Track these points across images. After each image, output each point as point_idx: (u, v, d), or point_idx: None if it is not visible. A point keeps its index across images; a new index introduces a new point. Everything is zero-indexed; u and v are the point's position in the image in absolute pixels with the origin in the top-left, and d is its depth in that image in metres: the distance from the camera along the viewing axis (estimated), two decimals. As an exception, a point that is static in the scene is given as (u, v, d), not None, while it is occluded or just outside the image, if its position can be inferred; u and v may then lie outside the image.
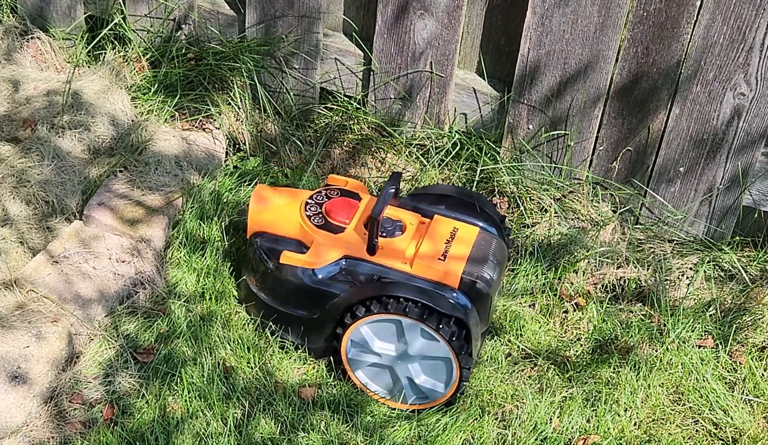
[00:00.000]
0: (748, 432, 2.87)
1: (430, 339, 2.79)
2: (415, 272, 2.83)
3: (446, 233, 2.93)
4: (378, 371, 2.92)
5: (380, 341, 2.87)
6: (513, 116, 3.37)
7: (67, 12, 3.80)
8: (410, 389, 2.90)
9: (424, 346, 2.81)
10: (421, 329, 2.78)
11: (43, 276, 2.94)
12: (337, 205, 2.99)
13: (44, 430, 2.67)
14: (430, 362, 2.85)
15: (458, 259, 2.85)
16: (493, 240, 2.96)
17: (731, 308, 3.17)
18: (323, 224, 2.95)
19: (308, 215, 2.97)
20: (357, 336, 2.87)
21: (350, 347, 2.90)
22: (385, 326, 2.83)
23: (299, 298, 2.92)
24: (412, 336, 2.81)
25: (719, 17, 2.95)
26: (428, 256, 2.85)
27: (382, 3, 3.35)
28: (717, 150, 3.17)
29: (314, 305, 2.90)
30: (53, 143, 3.34)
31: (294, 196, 3.07)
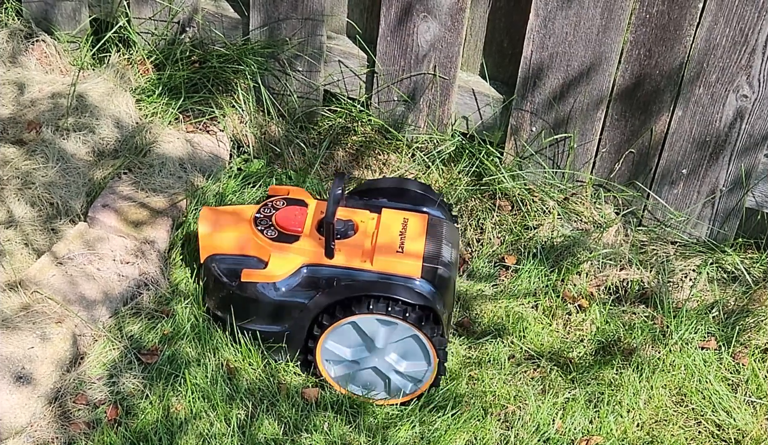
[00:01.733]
0: (750, 434, 2.87)
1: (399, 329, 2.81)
2: (376, 268, 2.84)
3: (398, 225, 2.95)
4: (365, 375, 2.92)
5: (351, 347, 2.88)
6: (516, 118, 3.38)
7: (71, 15, 3.81)
8: (402, 379, 2.91)
9: (395, 337, 2.83)
10: (387, 322, 2.80)
11: (47, 277, 2.95)
12: (286, 215, 2.98)
13: (48, 430, 2.67)
14: (405, 350, 2.86)
15: (416, 248, 2.87)
16: (443, 224, 3.00)
17: (734, 309, 3.18)
18: (277, 235, 2.94)
19: (260, 230, 2.96)
20: (327, 352, 2.88)
21: (328, 366, 2.91)
22: (351, 331, 2.84)
23: (266, 314, 2.90)
24: (379, 331, 2.82)
25: (721, 19, 2.95)
26: (386, 250, 2.87)
27: (385, 6, 3.36)
28: (720, 152, 3.18)
29: (282, 318, 2.90)
30: (58, 145, 3.35)
31: (241, 213, 3.05)
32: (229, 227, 3.01)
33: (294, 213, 3.00)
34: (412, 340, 2.82)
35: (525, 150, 3.41)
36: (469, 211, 3.41)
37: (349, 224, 2.97)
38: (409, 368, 2.88)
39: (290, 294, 2.87)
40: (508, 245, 3.38)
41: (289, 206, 3.03)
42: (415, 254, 2.87)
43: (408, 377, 2.90)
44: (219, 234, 3.00)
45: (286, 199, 3.07)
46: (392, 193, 3.12)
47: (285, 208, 3.02)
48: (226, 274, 2.93)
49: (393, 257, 2.85)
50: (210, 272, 2.97)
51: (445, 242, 2.93)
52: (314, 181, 3.51)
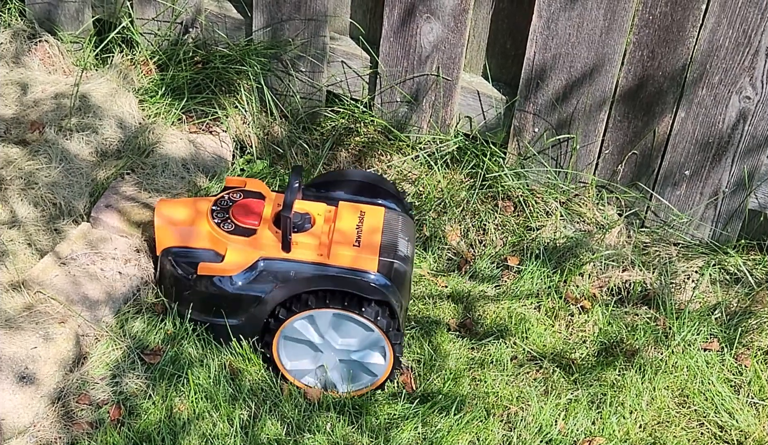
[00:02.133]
0: (753, 435, 2.87)
1: (357, 324, 2.81)
2: (332, 262, 2.83)
3: (355, 218, 2.95)
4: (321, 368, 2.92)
5: (307, 341, 2.88)
6: (519, 119, 3.38)
7: (75, 15, 3.82)
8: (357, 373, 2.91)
9: (353, 331, 2.84)
10: (343, 316, 2.81)
11: (50, 277, 2.95)
12: (243, 208, 2.97)
13: (51, 430, 2.67)
14: (362, 343, 2.86)
15: (372, 242, 2.87)
16: (400, 217, 3.00)
17: (737, 311, 3.18)
18: (233, 228, 2.93)
19: (217, 223, 2.94)
20: (283, 345, 2.88)
21: (284, 359, 2.91)
22: (307, 324, 2.85)
23: (222, 306, 2.89)
24: (336, 325, 2.84)
25: (725, 21, 2.95)
26: (343, 244, 2.86)
27: (388, 7, 3.36)
28: (722, 153, 3.18)
29: (238, 311, 2.89)
30: (61, 146, 3.36)
31: (197, 205, 3.03)
32: (186, 220, 2.99)
33: (251, 206, 2.98)
34: (368, 334, 2.82)
35: (528, 151, 3.41)
36: (471, 212, 3.41)
37: (306, 217, 2.94)
38: (365, 362, 2.89)
39: (247, 288, 2.85)
40: (511, 246, 3.38)
41: (246, 199, 3.01)
42: (372, 247, 2.86)
43: (365, 370, 2.90)
44: (175, 226, 2.98)
45: (243, 191, 3.05)
46: (348, 186, 3.11)
47: (242, 200, 3.01)
48: (182, 267, 2.92)
49: (349, 251, 2.84)
50: (166, 265, 2.96)
51: (401, 236, 2.93)
52: (317, 182, 3.51)
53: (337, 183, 3.13)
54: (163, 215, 3.00)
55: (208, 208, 2.99)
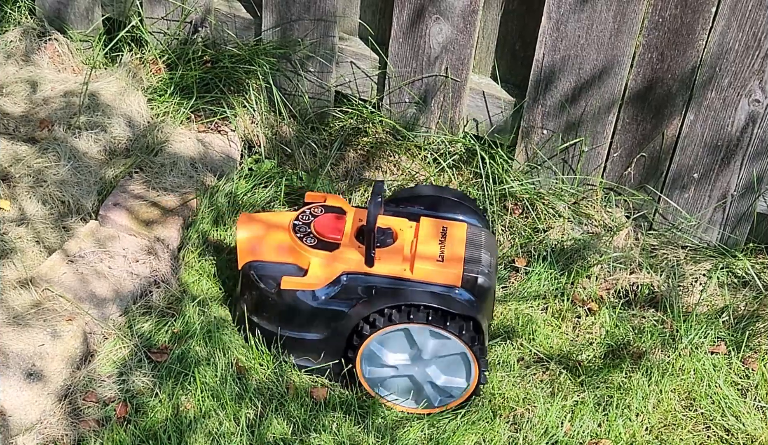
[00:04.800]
0: (760, 439, 2.86)
1: (441, 339, 2.80)
2: (416, 277, 2.83)
3: (437, 233, 2.94)
4: (399, 383, 2.91)
5: (393, 353, 2.87)
6: (527, 121, 3.38)
7: (84, 14, 3.83)
8: (434, 392, 2.90)
9: (437, 347, 2.82)
10: (430, 332, 2.79)
11: (58, 275, 2.96)
12: (325, 223, 2.98)
13: (58, 427, 2.68)
14: (446, 362, 2.85)
15: (456, 257, 2.86)
16: (482, 232, 2.99)
17: (744, 314, 3.17)
18: (316, 243, 2.93)
19: (299, 237, 2.94)
20: (368, 353, 2.86)
21: (365, 367, 2.89)
22: (395, 337, 2.83)
23: (305, 321, 2.89)
24: (423, 340, 2.82)
25: (734, 24, 2.95)
26: (426, 259, 2.86)
27: (398, 7, 3.36)
28: (731, 156, 3.17)
29: (321, 326, 2.88)
30: (70, 144, 3.37)
31: (279, 219, 3.04)
32: (268, 234, 2.99)
33: (333, 220, 2.99)
34: (453, 349, 2.80)
35: (536, 153, 3.41)
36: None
37: (388, 232, 2.95)
38: (446, 383, 2.87)
39: (329, 302, 2.85)
40: (518, 248, 3.38)
41: (328, 214, 3.02)
42: (455, 262, 2.85)
43: (441, 390, 2.88)
44: (257, 240, 2.98)
45: (324, 207, 3.06)
46: (429, 201, 3.10)
47: (323, 215, 3.01)
48: (264, 280, 2.91)
49: (433, 266, 2.83)
50: (248, 279, 2.94)
51: (484, 251, 2.91)
52: (325, 182, 3.52)
53: (417, 198, 3.12)
54: (245, 229, 3.00)
55: (290, 223, 2.99)
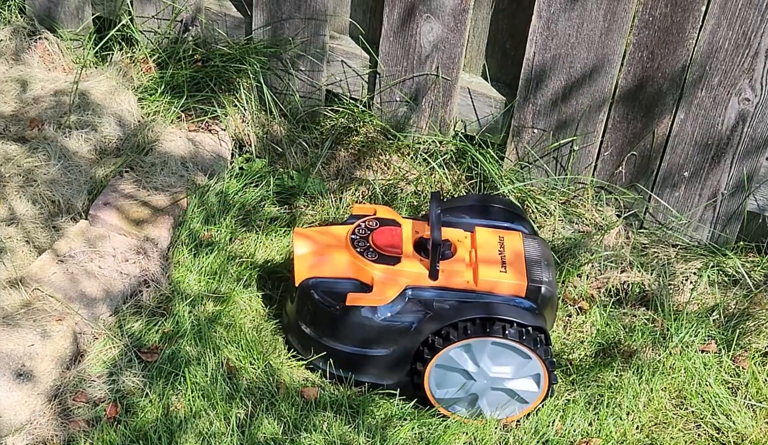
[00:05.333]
0: (750, 437, 2.87)
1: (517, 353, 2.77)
2: (481, 288, 2.82)
3: (495, 243, 2.92)
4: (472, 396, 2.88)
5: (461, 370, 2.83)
6: (518, 120, 3.38)
7: (75, 13, 3.82)
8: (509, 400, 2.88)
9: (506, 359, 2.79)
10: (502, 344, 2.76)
11: (48, 275, 2.95)
12: (383, 236, 2.93)
13: (48, 428, 2.67)
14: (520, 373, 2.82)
15: (518, 268, 2.84)
16: (537, 241, 2.98)
17: (735, 313, 3.18)
18: (377, 257, 2.88)
19: (359, 252, 2.89)
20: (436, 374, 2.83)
21: (435, 387, 2.86)
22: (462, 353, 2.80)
23: (371, 337, 2.86)
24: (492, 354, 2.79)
25: (724, 22, 2.95)
26: (490, 270, 2.83)
27: (388, 6, 3.36)
28: (722, 155, 3.18)
29: (387, 341, 2.85)
30: (60, 143, 3.36)
31: (335, 234, 2.99)
32: (325, 250, 2.95)
33: (390, 233, 2.94)
34: (524, 361, 2.78)
35: (526, 152, 3.41)
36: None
37: (446, 244, 2.91)
38: (520, 389, 2.85)
39: (396, 317, 2.82)
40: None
41: (383, 227, 2.98)
42: (519, 273, 2.83)
43: (518, 397, 2.87)
44: (315, 256, 2.95)
45: (378, 220, 3.01)
46: (476, 210, 3.08)
47: (380, 228, 2.96)
48: (326, 297, 2.87)
49: (497, 277, 2.82)
50: (309, 296, 2.89)
51: (543, 260, 2.89)
52: (316, 182, 3.51)
53: (466, 208, 3.09)
54: (301, 244, 2.96)
55: (347, 237, 2.95)
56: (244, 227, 3.36)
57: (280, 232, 3.38)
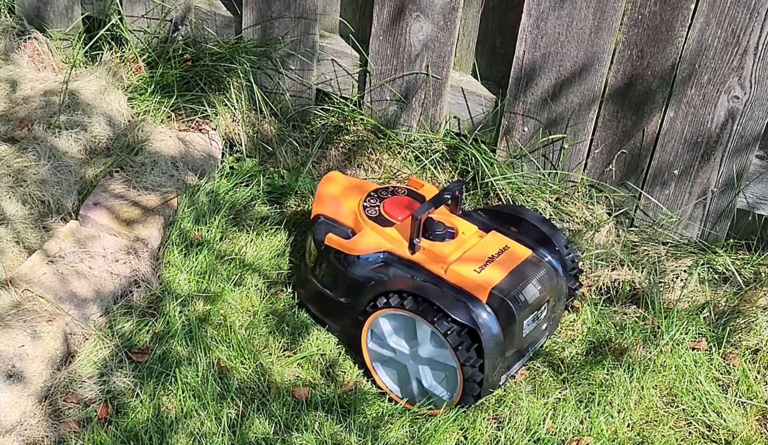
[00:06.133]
0: (741, 434, 2.87)
1: (439, 345, 2.78)
2: (448, 278, 2.82)
3: (495, 249, 2.91)
4: (392, 368, 2.94)
5: (396, 336, 2.88)
6: (508, 118, 3.38)
7: (64, 12, 3.81)
8: (419, 391, 2.90)
9: (433, 351, 2.81)
10: (431, 333, 2.78)
11: (38, 275, 2.95)
12: (395, 203, 3.04)
13: (39, 429, 2.67)
14: (438, 368, 2.84)
15: (495, 274, 2.82)
16: (544, 268, 2.89)
17: (725, 310, 3.18)
18: (376, 216, 3.01)
19: (365, 206, 3.04)
20: (376, 328, 2.90)
21: (369, 338, 2.92)
22: (402, 324, 2.85)
23: (336, 281, 2.99)
24: (424, 338, 2.81)
25: (713, 21, 2.96)
26: (466, 265, 2.84)
27: (378, 5, 3.36)
28: (711, 153, 3.18)
29: (347, 290, 2.96)
30: (50, 143, 3.35)
31: (360, 187, 3.16)
32: (342, 196, 3.12)
33: (404, 203, 3.04)
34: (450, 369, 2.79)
35: (517, 150, 3.41)
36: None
37: (449, 231, 2.94)
38: (431, 389, 2.86)
39: (362, 272, 2.92)
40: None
41: (406, 197, 3.08)
42: (490, 278, 2.80)
43: (426, 392, 2.88)
44: (331, 198, 3.13)
45: (409, 191, 3.12)
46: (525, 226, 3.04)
47: (400, 196, 3.08)
48: (320, 233, 3.05)
49: (469, 274, 2.81)
50: (311, 228, 3.11)
51: (533, 283, 2.83)
52: (306, 181, 3.51)
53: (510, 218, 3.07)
54: (327, 184, 3.18)
55: (366, 192, 3.10)
56: (235, 227, 3.36)
57: (270, 231, 3.38)
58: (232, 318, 3.06)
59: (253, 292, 3.18)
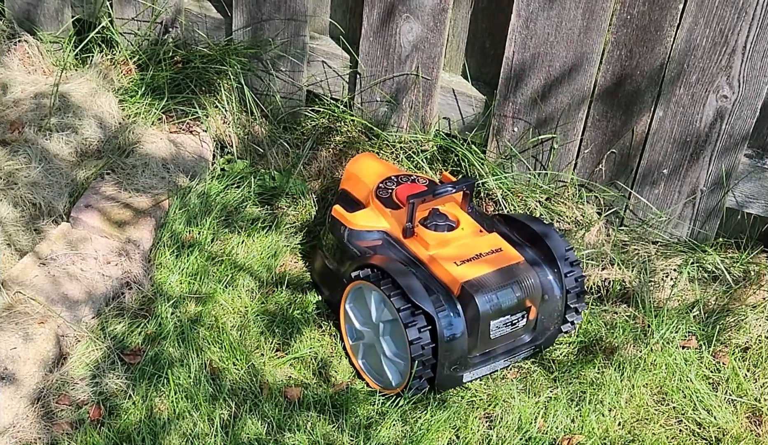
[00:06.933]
0: (731, 432, 2.89)
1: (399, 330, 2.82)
2: (430, 266, 2.88)
3: (487, 248, 2.92)
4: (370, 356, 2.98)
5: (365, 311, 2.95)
6: (498, 119, 3.39)
7: (54, 15, 3.81)
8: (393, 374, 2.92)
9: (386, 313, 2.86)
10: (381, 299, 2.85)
11: (30, 278, 2.95)
12: (409, 189, 3.10)
13: (31, 431, 2.67)
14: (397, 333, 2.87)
15: (472, 270, 2.83)
16: (532, 276, 2.88)
17: (715, 308, 3.20)
18: (386, 198, 3.09)
19: (379, 187, 3.12)
20: (350, 306, 2.99)
21: (347, 308, 3.00)
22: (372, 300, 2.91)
23: (333, 250, 3.12)
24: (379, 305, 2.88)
25: (702, 20, 2.97)
26: (449, 258, 2.87)
27: (368, 6, 3.37)
28: (700, 152, 3.20)
29: (341, 260, 3.05)
30: (41, 146, 3.35)
31: (385, 170, 3.25)
32: (367, 175, 3.23)
33: (414, 191, 3.07)
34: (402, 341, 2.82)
35: (507, 150, 3.42)
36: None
37: (450, 223, 3.00)
38: (396, 355, 2.88)
39: (356, 246, 3.03)
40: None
41: (423, 186, 3.14)
42: (467, 274, 2.82)
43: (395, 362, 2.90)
44: (356, 176, 3.26)
45: (430, 182, 3.19)
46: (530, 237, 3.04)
47: (418, 184, 3.15)
48: (336, 206, 3.14)
49: (449, 266, 2.83)
50: (334, 202, 3.24)
51: (512, 287, 2.82)
52: (297, 182, 3.52)
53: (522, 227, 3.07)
54: (358, 161, 3.33)
55: (386, 176, 3.19)
56: (226, 228, 3.37)
57: (261, 232, 3.38)
58: (224, 319, 3.07)
59: (245, 293, 3.19)
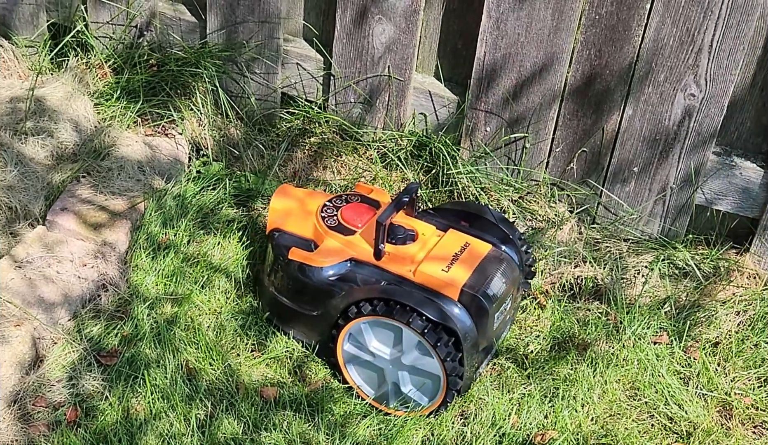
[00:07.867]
0: (702, 426, 2.91)
1: (425, 354, 2.80)
2: (417, 280, 2.85)
3: (457, 247, 2.94)
4: (366, 369, 2.95)
5: (377, 342, 2.89)
6: (471, 119, 3.42)
7: (29, 19, 3.82)
8: (393, 393, 2.92)
9: (418, 359, 2.82)
10: (418, 342, 2.79)
11: (6, 281, 2.96)
12: (352, 210, 3.04)
13: (8, 432, 2.68)
14: (420, 375, 2.86)
15: (462, 272, 2.85)
16: (505, 260, 2.94)
17: (685, 304, 3.23)
18: (336, 225, 3.00)
19: (323, 216, 3.03)
20: (357, 334, 2.90)
21: (346, 341, 2.93)
22: (384, 330, 2.86)
23: (303, 294, 2.97)
24: (410, 346, 2.82)
25: (668, 20, 3.01)
26: (432, 266, 2.86)
27: (340, 9, 3.39)
28: (669, 150, 3.23)
29: (316, 302, 2.95)
30: (16, 149, 3.36)
31: (314, 198, 3.16)
32: (297, 208, 3.12)
33: (361, 210, 3.05)
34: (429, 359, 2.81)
35: (480, 149, 3.45)
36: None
37: (410, 234, 2.96)
38: (411, 392, 2.89)
39: (330, 282, 2.92)
40: (465, 244, 3.41)
41: (361, 203, 3.09)
42: (459, 277, 2.83)
43: (407, 397, 2.90)
44: (286, 212, 3.12)
45: (362, 197, 3.12)
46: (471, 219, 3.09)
47: (356, 203, 3.08)
48: (279, 249, 3.03)
49: (437, 274, 2.84)
50: (270, 245, 3.09)
51: (498, 277, 2.87)
52: (273, 184, 3.54)
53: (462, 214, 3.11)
54: (280, 197, 3.16)
55: (322, 203, 3.10)
56: (202, 230, 3.38)
57: (237, 233, 3.40)
58: (200, 320, 3.08)
59: (221, 294, 3.20)
